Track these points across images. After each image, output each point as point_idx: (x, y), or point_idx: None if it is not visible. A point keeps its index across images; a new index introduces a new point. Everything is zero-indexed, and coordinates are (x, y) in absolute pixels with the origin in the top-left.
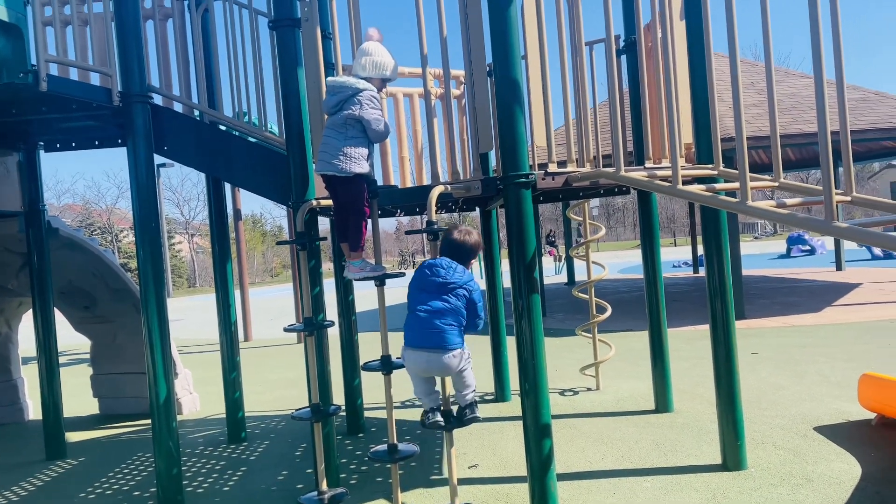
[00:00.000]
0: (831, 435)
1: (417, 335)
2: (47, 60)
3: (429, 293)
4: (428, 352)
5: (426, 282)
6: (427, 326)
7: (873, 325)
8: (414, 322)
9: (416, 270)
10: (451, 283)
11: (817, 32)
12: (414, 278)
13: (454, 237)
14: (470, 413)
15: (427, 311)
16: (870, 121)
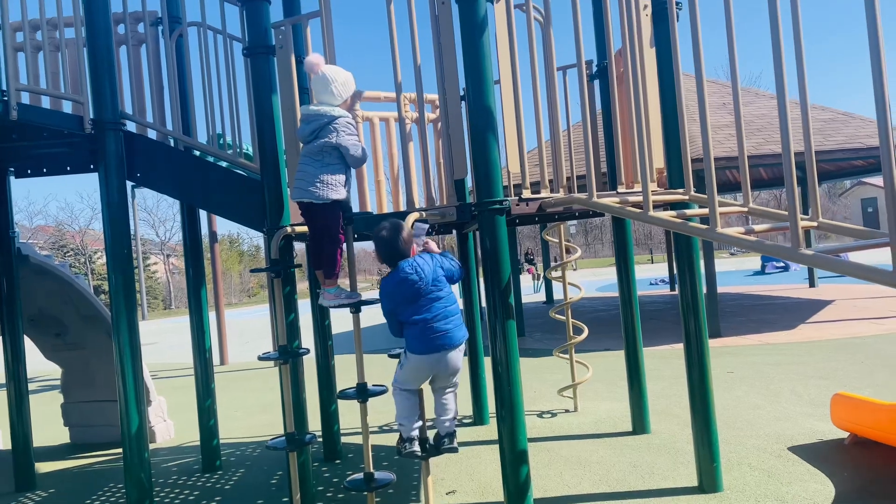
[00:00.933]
0: (805, 455)
1: (420, 343)
2: (18, 89)
3: (416, 303)
4: (437, 353)
5: (406, 296)
6: (430, 332)
7: (846, 342)
8: (418, 332)
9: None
10: (426, 282)
11: (779, 54)
12: (391, 292)
13: (382, 236)
14: (448, 443)
15: (423, 320)
16: (838, 141)
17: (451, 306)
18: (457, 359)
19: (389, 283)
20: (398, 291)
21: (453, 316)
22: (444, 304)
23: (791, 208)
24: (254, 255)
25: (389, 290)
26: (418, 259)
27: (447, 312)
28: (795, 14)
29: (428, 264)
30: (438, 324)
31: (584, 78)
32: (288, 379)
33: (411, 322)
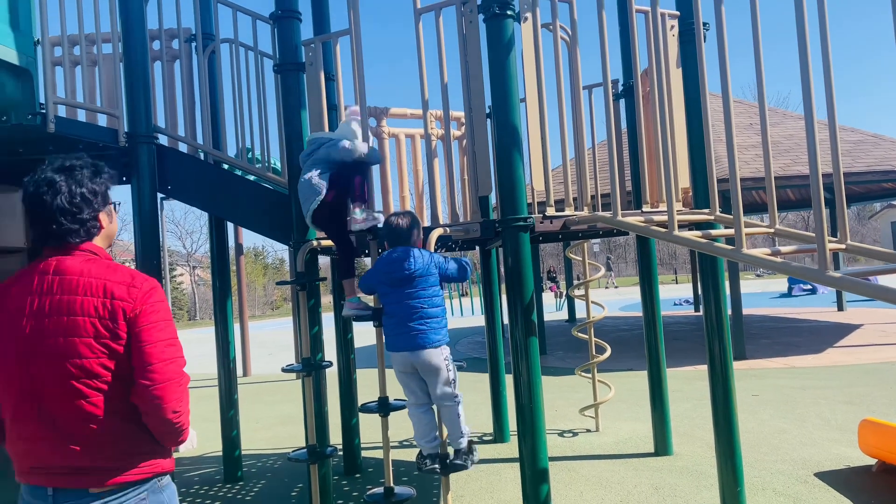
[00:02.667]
0: (832, 481)
1: (395, 339)
2: (56, 102)
3: (399, 289)
4: (410, 352)
5: (392, 277)
6: (404, 330)
7: (874, 367)
8: (392, 326)
9: (375, 266)
10: (416, 271)
11: (807, 75)
12: (379, 269)
13: (392, 222)
14: (454, 458)
15: (400, 313)
16: (867, 163)
17: (431, 308)
18: (430, 358)
19: (382, 260)
20: (385, 270)
21: (432, 318)
22: (423, 303)
23: (818, 229)
24: (278, 268)
25: (379, 266)
26: (416, 250)
27: (425, 313)
28: (824, 34)
29: (422, 259)
30: (414, 322)
31: (609, 97)
32: (310, 391)
33: (388, 314)
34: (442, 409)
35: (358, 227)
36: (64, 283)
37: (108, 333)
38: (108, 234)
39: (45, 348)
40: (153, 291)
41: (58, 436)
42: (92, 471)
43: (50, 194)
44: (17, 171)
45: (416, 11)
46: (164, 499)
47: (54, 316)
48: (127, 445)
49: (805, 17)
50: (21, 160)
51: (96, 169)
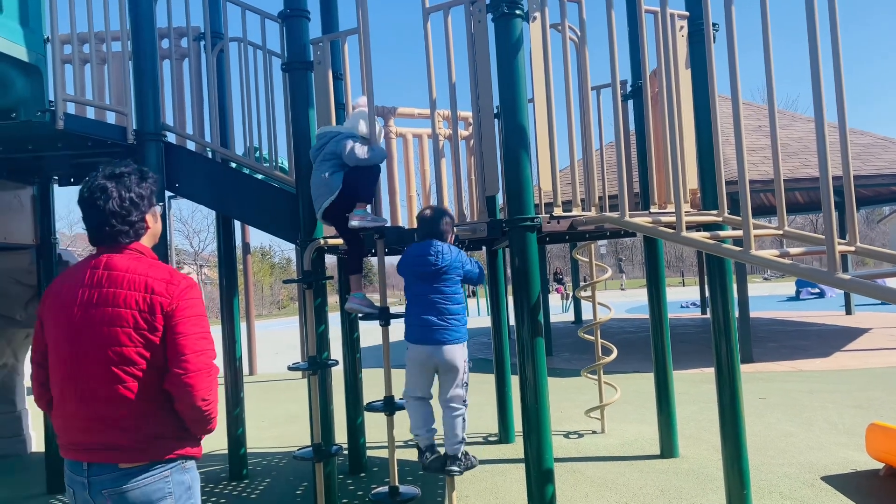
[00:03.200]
0: (839, 485)
1: (417, 331)
2: (65, 99)
3: (424, 282)
4: (432, 346)
5: (419, 271)
6: (427, 323)
7: (883, 371)
8: (414, 318)
9: (404, 255)
10: (442, 267)
11: (818, 79)
12: (406, 262)
13: (424, 215)
14: (457, 465)
15: (424, 306)
16: (877, 166)
17: (454, 304)
18: (453, 354)
19: (410, 252)
20: (412, 263)
21: (454, 315)
22: (446, 298)
23: (828, 231)
24: (285, 268)
25: (407, 259)
26: (446, 245)
27: (448, 308)
28: (835, 36)
29: (450, 255)
30: (437, 317)
31: (618, 97)
32: (316, 389)
33: (411, 304)
34: (446, 410)
35: (354, 226)
36: (111, 277)
37: (147, 325)
38: (153, 234)
39: (90, 335)
40: (189, 289)
41: (95, 415)
42: (123, 448)
43: (103, 199)
44: (26, 168)
45: (425, 11)
46: (187, 480)
47: (101, 307)
48: (156, 429)
49: (816, 19)
50: (30, 157)
51: (142, 174)
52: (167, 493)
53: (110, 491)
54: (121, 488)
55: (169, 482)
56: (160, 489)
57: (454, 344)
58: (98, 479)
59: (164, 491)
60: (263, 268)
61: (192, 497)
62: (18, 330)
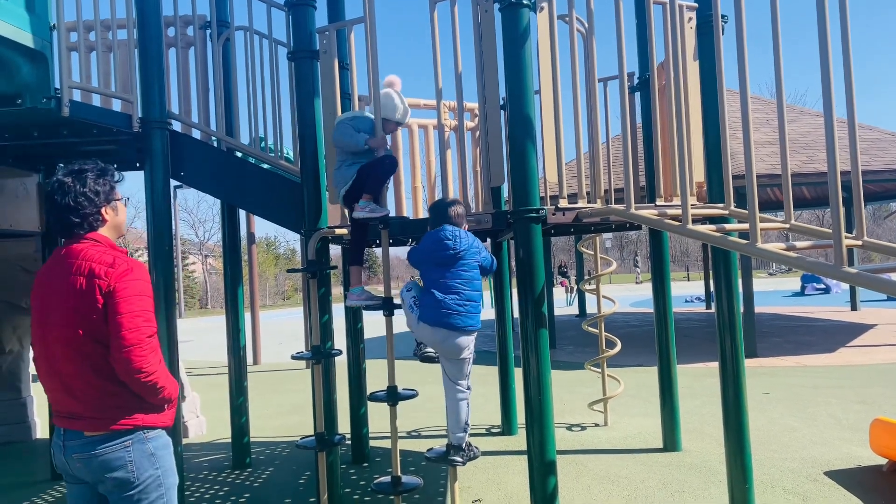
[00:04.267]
0: (842, 480)
1: (429, 312)
2: (70, 86)
3: (443, 267)
4: (445, 331)
5: (438, 256)
6: (446, 306)
7: (887, 367)
8: (431, 301)
9: (420, 244)
10: (461, 251)
11: (828, 73)
12: (422, 249)
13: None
14: (453, 454)
15: (444, 290)
16: (885, 161)
17: (473, 291)
18: (465, 343)
19: (427, 239)
20: (431, 249)
21: (470, 301)
22: (464, 284)
23: (835, 224)
24: (289, 258)
25: (425, 246)
26: (462, 231)
27: (465, 295)
28: (845, 30)
29: (468, 239)
30: (453, 302)
31: (625, 90)
32: (320, 379)
33: (430, 290)
34: (450, 395)
35: (355, 216)
36: (67, 265)
37: (90, 307)
38: (113, 225)
39: (52, 317)
40: (129, 272)
41: (63, 388)
42: (84, 418)
43: (59, 194)
44: (32, 156)
45: (432, 0)
46: (150, 448)
47: (58, 291)
48: (112, 401)
49: (826, 12)
50: (35, 144)
51: (102, 171)
52: (127, 461)
53: (78, 455)
54: (87, 454)
55: (130, 451)
56: (120, 458)
57: (463, 334)
58: (70, 445)
59: (123, 459)
60: (268, 258)
61: (156, 463)
62: (24, 317)
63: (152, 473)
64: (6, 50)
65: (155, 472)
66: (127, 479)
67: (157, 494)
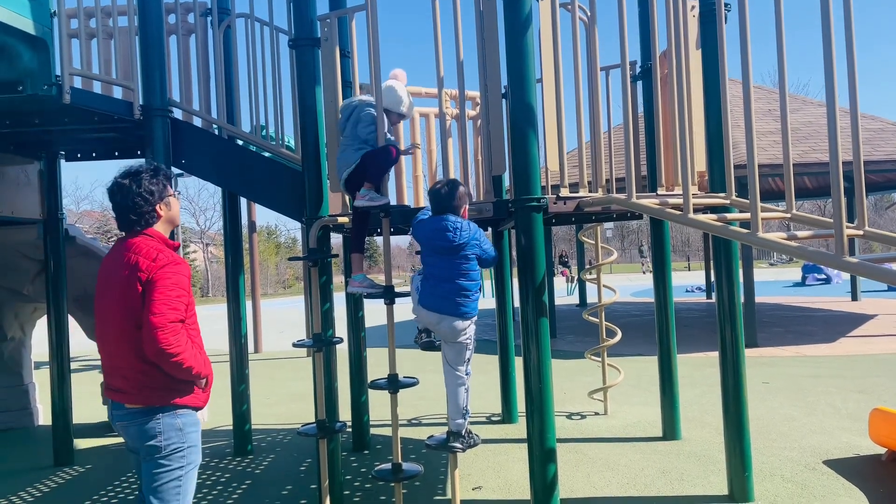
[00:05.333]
0: (841, 469)
1: (428, 297)
2: (71, 73)
3: (440, 257)
4: (440, 315)
5: (436, 244)
6: (441, 293)
7: (887, 357)
8: (429, 287)
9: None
10: (460, 244)
11: (830, 62)
12: (422, 234)
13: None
14: (453, 440)
15: (438, 277)
16: (887, 151)
17: (469, 281)
18: (461, 327)
19: (429, 225)
20: (430, 237)
21: (467, 290)
22: (461, 274)
23: (836, 213)
24: (290, 247)
25: (425, 231)
26: (464, 222)
27: (462, 284)
28: (848, 19)
29: (468, 231)
30: (450, 288)
31: (627, 78)
32: (321, 366)
33: (427, 276)
34: (450, 380)
35: (356, 205)
36: (122, 257)
37: (133, 295)
38: (167, 220)
39: (106, 299)
40: (169, 265)
41: (112, 365)
42: (125, 391)
43: (119, 196)
44: (33, 143)
45: None
46: (178, 423)
47: (111, 280)
48: (149, 381)
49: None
50: (37, 131)
51: (155, 171)
52: (158, 432)
53: (120, 424)
54: (126, 423)
55: (160, 423)
56: (152, 429)
57: (463, 318)
58: (116, 414)
59: (154, 430)
60: (269, 247)
61: (183, 438)
62: (26, 304)
63: (179, 446)
64: (7, 36)
65: (181, 445)
66: (157, 446)
67: (179, 465)
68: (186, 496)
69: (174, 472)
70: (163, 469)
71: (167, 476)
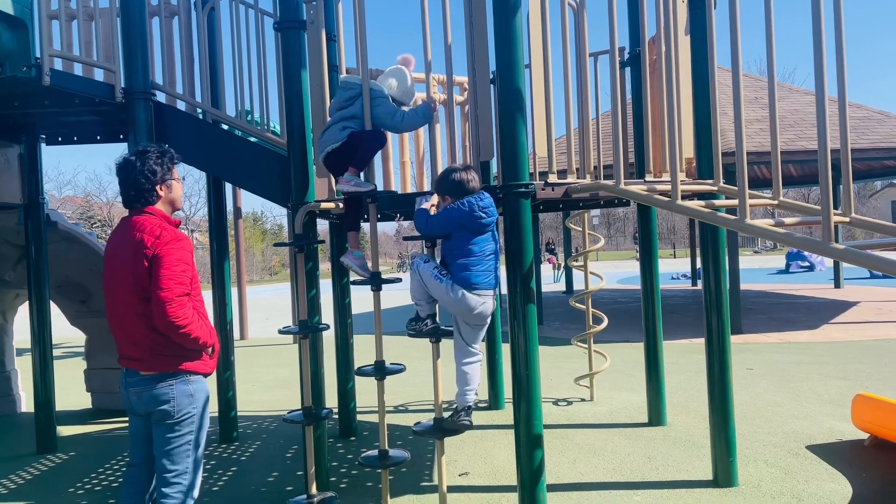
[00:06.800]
0: (823, 454)
1: (490, 276)
2: (51, 55)
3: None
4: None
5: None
6: (494, 269)
7: (869, 343)
8: (483, 266)
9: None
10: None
11: (820, 51)
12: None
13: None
14: (465, 416)
15: (494, 255)
16: (872, 140)
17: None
18: (491, 304)
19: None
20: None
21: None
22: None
23: (824, 200)
24: (276, 234)
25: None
26: (488, 199)
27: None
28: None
29: (494, 207)
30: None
31: (616, 64)
32: (307, 353)
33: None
34: (463, 359)
35: (341, 189)
36: (127, 234)
37: (140, 270)
38: (167, 200)
39: (115, 276)
40: (172, 241)
41: (123, 333)
42: (139, 359)
43: (123, 173)
44: (13, 126)
45: None
46: (190, 390)
47: (119, 256)
48: (159, 348)
49: None
50: (16, 114)
51: (162, 153)
52: (171, 397)
53: (134, 390)
54: (140, 389)
55: (173, 388)
56: (165, 394)
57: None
58: (130, 381)
59: (168, 395)
60: (255, 233)
61: (193, 403)
62: (7, 290)
63: (189, 411)
64: None
65: (192, 410)
66: (169, 411)
67: (189, 430)
68: (197, 458)
69: (185, 436)
70: (175, 434)
71: (179, 440)
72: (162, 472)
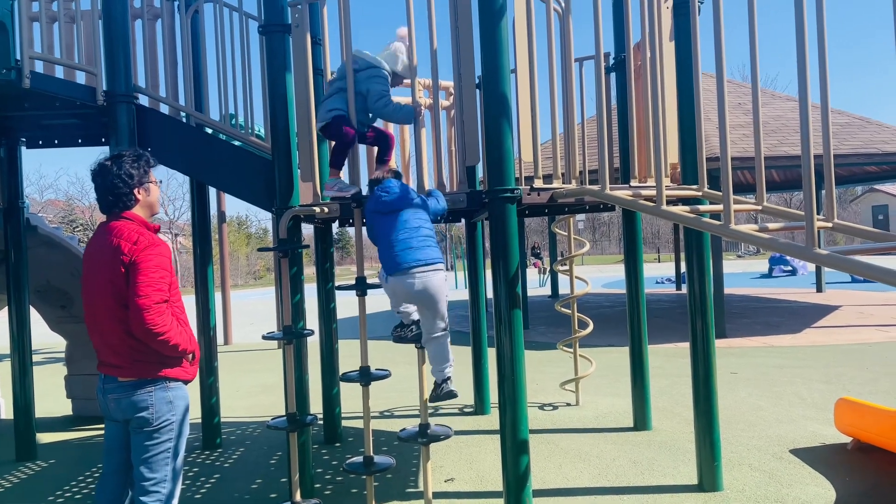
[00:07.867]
0: (807, 458)
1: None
2: (32, 57)
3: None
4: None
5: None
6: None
7: (851, 347)
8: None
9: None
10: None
11: (803, 58)
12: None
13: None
14: (447, 386)
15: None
16: (853, 145)
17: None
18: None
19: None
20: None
21: (427, 238)
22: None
23: (807, 206)
24: (261, 238)
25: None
26: (388, 182)
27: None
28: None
29: (396, 186)
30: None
31: (601, 69)
32: (291, 359)
33: (386, 244)
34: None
35: (326, 195)
36: (104, 239)
37: (118, 278)
38: (145, 205)
39: (93, 282)
40: (149, 247)
41: (104, 342)
42: (118, 366)
43: (100, 177)
44: None
45: None
46: (169, 396)
47: (97, 262)
48: (140, 355)
49: None
50: None
51: (138, 156)
52: (149, 404)
53: (112, 396)
54: (118, 396)
55: (152, 395)
56: (144, 400)
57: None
58: (108, 387)
59: (147, 402)
60: (240, 237)
61: (172, 410)
62: None
63: (168, 418)
64: None
65: (171, 418)
66: (147, 418)
67: (168, 437)
68: (176, 467)
69: (164, 444)
70: (153, 441)
71: (157, 448)
72: (140, 480)
